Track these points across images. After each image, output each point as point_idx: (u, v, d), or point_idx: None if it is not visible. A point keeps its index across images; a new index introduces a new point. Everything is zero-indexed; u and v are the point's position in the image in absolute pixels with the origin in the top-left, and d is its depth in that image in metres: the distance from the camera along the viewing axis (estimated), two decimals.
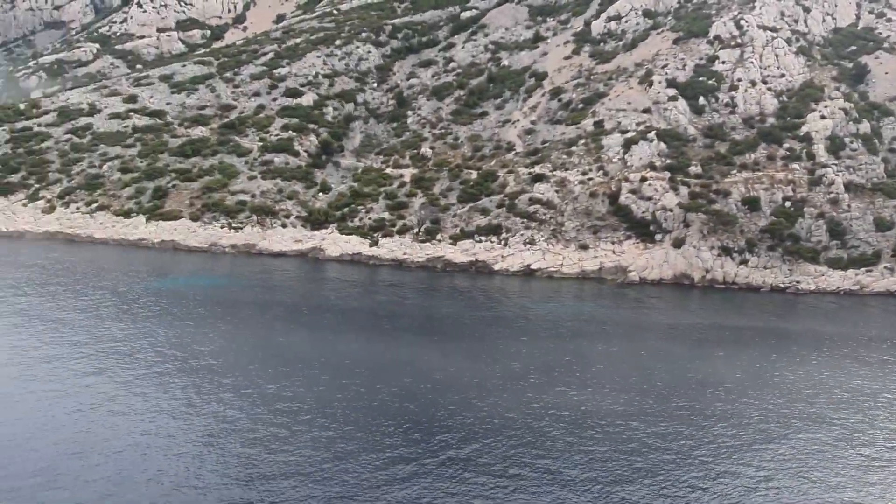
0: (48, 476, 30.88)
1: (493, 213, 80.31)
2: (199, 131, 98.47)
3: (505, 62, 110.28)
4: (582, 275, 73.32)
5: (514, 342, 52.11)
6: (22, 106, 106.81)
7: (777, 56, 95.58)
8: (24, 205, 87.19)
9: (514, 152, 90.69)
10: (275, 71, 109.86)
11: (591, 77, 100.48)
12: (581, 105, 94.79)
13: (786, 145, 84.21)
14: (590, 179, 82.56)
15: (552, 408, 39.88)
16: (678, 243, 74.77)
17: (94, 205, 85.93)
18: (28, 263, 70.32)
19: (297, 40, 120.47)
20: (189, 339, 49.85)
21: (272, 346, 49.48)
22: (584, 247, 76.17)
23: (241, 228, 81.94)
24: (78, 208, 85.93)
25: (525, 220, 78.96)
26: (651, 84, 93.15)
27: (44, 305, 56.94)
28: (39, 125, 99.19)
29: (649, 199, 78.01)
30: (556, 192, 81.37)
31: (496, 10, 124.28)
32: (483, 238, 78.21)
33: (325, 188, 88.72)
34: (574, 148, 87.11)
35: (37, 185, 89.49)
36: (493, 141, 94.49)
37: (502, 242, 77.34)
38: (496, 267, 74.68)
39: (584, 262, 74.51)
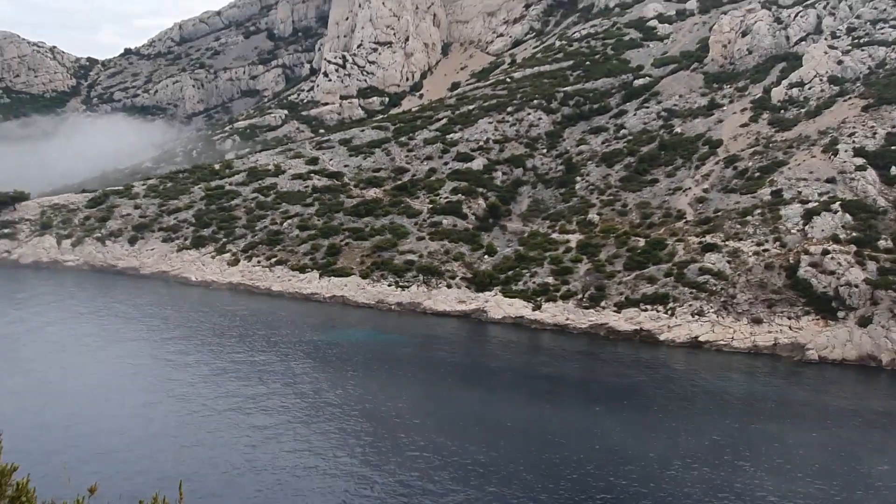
0: None
1: (660, 282, 78.04)
2: (372, 192, 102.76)
3: (678, 129, 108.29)
4: (754, 350, 69.42)
5: (683, 416, 49.83)
6: (217, 166, 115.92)
7: None
8: (213, 257, 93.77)
9: (684, 220, 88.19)
10: (447, 136, 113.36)
11: (770, 145, 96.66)
12: (758, 173, 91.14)
13: None
14: (765, 251, 78.70)
15: (745, 494, 37.45)
16: (864, 322, 69.38)
17: (274, 259, 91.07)
18: (221, 312, 75.39)
19: (471, 107, 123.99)
20: (365, 393, 51.39)
21: (442, 404, 50.00)
22: (758, 321, 72.24)
23: (408, 287, 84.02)
24: (259, 262, 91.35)
25: (694, 290, 76.12)
26: (836, 153, 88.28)
27: (235, 353, 60.67)
28: (231, 184, 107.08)
29: (832, 273, 73.16)
30: (728, 262, 78.08)
31: (670, 78, 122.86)
32: (649, 307, 75.98)
33: (491, 251, 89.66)
34: (749, 218, 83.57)
35: (225, 239, 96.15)
36: (662, 209, 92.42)
37: (669, 312, 74.78)
38: (661, 337, 72.18)
39: (757, 336, 70.57)
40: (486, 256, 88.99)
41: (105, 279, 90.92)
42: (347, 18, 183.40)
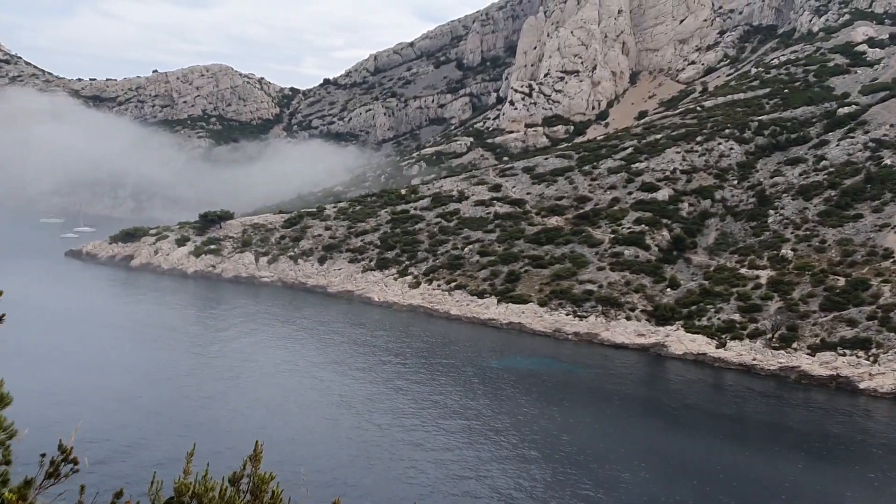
0: None
1: (861, 325, 72.00)
2: (554, 220, 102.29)
3: (887, 161, 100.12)
4: None
5: (890, 470, 45.46)
6: (403, 191, 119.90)
7: None
8: (395, 279, 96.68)
9: (892, 260, 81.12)
10: (632, 165, 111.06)
11: None
12: None
13: None
14: None
15: None
16: None
17: (454, 283, 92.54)
18: (402, 333, 77.51)
19: (657, 136, 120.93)
20: (541, 422, 50.94)
21: (618, 438, 48.63)
22: None
23: (586, 317, 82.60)
24: (439, 285, 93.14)
25: None
26: None
27: (414, 373, 62.26)
28: (416, 209, 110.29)
29: None
30: None
31: (880, 106, 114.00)
32: (847, 351, 70.25)
33: (674, 284, 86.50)
34: None
35: (407, 262, 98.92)
36: (866, 246, 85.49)
37: (871, 358, 68.74)
38: (861, 385, 66.40)
39: None
40: (668, 289, 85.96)
41: (296, 296, 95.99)
42: (535, 48, 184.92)
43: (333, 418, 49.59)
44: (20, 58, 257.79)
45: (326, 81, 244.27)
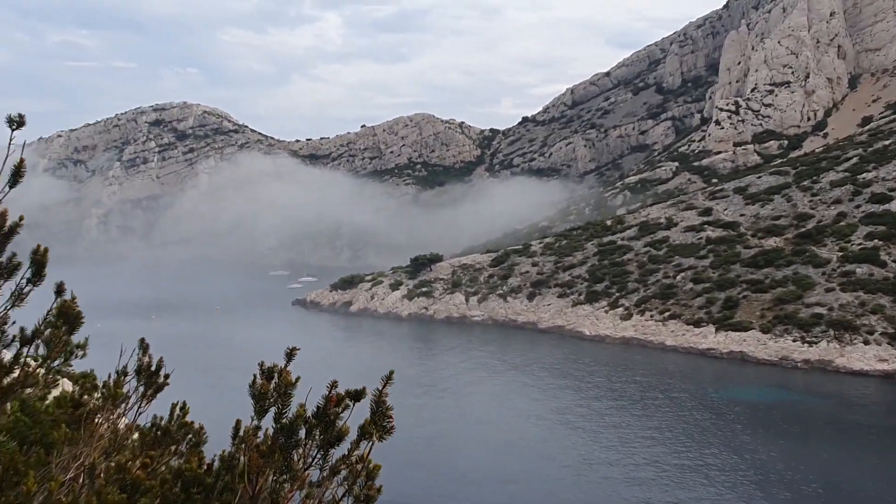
0: None
1: None
2: (772, 241, 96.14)
3: None
4: None
5: None
6: (608, 222, 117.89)
7: None
8: (606, 311, 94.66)
9: None
10: (858, 176, 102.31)
11: None
12: None
13: None
14: None
15: None
16: None
17: (667, 313, 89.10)
18: (619, 367, 75.84)
19: (886, 142, 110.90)
20: (777, 458, 47.45)
21: (869, 477, 44.03)
22: None
23: (816, 343, 76.37)
24: (652, 316, 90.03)
25: None
26: None
27: (637, 409, 60.34)
28: (622, 239, 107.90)
29: None
30: None
31: None
32: None
33: None
34: None
35: (617, 294, 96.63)
36: None
37: None
38: None
39: None
40: None
41: (506, 333, 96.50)
42: (739, 63, 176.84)
43: (582, 464, 48.55)
44: (246, 126, 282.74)
45: (525, 119, 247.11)
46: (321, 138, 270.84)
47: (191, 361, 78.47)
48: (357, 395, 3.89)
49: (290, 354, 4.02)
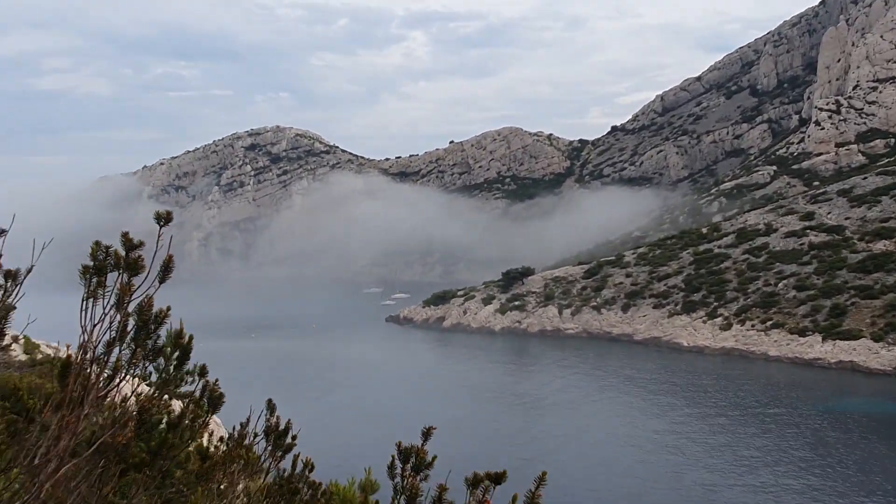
0: None
1: None
2: (881, 245, 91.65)
3: None
4: None
5: None
6: (704, 230, 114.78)
7: None
8: (704, 321, 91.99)
9: None
10: None
11: None
12: None
13: None
14: None
15: None
16: None
17: (769, 322, 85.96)
18: (723, 379, 73.59)
19: None
20: None
21: None
22: None
23: None
24: (753, 325, 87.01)
25: None
26: None
27: (748, 424, 58.48)
28: (719, 247, 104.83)
29: None
30: None
31: None
32: None
33: None
34: None
35: (715, 303, 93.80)
36: None
37: None
38: None
39: None
40: None
41: (601, 345, 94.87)
42: (839, 60, 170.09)
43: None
44: (337, 147, 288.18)
45: (614, 128, 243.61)
46: (410, 156, 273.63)
47: (292, 377, 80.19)
48: (497, 479, 3.66)
49: (427, 434, 3.85)
